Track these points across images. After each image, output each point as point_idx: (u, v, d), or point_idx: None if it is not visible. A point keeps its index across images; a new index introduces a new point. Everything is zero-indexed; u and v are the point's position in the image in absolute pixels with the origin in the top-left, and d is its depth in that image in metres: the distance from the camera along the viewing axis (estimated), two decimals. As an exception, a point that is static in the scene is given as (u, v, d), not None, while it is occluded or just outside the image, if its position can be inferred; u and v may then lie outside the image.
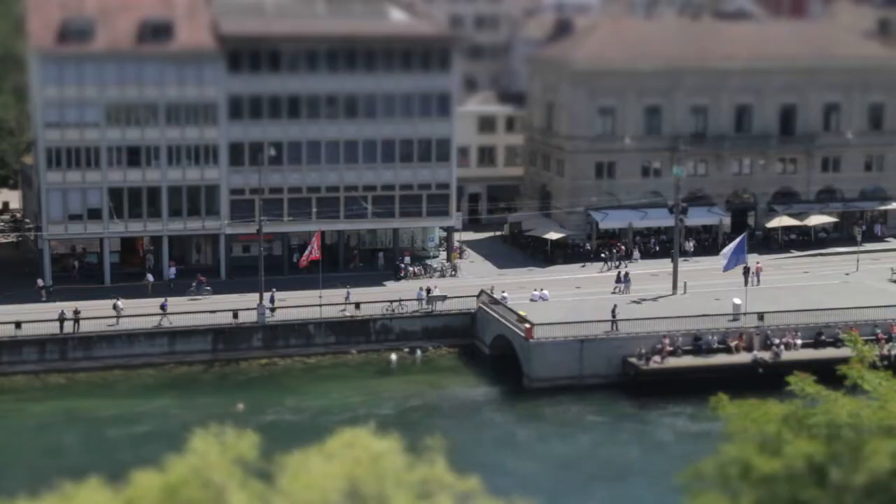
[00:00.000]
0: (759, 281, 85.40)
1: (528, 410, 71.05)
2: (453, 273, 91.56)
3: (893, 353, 73.61)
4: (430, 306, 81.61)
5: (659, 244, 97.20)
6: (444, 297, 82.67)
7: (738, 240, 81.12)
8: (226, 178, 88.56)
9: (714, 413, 34.31)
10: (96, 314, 77.79)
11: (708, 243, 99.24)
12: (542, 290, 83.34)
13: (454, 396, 73.28)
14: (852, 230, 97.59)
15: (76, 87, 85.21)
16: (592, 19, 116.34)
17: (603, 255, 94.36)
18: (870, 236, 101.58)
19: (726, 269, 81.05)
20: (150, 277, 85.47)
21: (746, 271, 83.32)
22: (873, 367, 36.43)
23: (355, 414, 65.74)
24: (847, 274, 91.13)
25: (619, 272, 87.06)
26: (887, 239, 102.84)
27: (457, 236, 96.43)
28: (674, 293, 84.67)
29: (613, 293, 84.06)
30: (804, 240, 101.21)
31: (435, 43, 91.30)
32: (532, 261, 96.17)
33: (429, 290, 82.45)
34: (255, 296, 79.37)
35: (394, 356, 79.25)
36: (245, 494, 26.19)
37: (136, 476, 26.70)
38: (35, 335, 75.81)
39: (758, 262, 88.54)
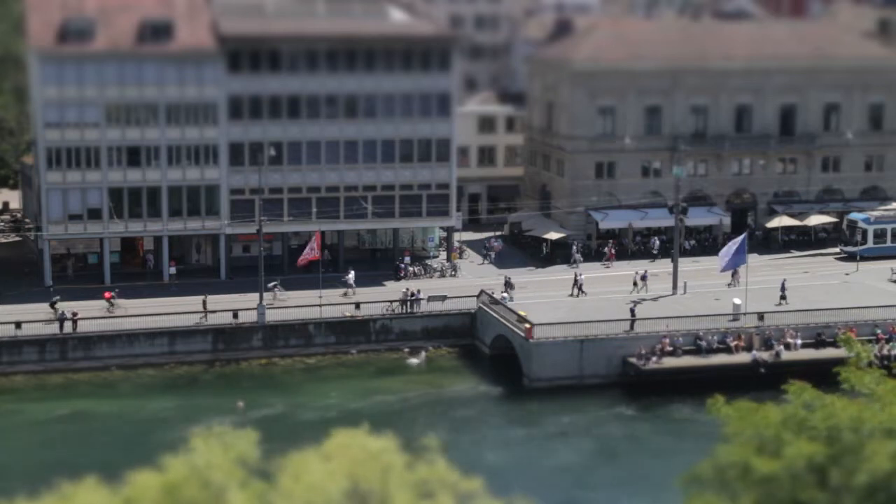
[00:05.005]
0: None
1: (528, 410, 71.05)
2: (453, 273, 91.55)
3: (894, 353, 73.74)
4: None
5: (659, 244, 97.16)
6: (444, 297, 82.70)
7: (738, 240, 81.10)
8: (226, 178, 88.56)
9: (712, 415, 34.32)
10: (96, 314, 77.81)
11: (708, 243, 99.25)
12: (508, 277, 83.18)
13: (454, 396, 73.26)
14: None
15: (76, 87, 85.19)
16: (592, 19, 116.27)
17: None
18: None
19: (724, 269, 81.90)
20: (351, 277, 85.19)
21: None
22: (869, 365, 36.44)
23: (355, 414, 65.69)
24: (847, 274, 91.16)
25: (637, 272, 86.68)
26: None
27: (456, 236, 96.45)
28: (674, 293, 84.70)
29: (632, 293, 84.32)
30: (804, 240, 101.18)
31: (435, 43, 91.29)
32: (532, 261, 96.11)
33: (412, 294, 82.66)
34: (255, 296, 79.36)
35: (416, 359, 79.15)
36: (246, 494, 26.19)
37: (135, 476, 26.69)
38: (35, 335, 75.83)
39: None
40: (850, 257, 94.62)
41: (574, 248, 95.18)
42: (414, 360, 78.92)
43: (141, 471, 27.01)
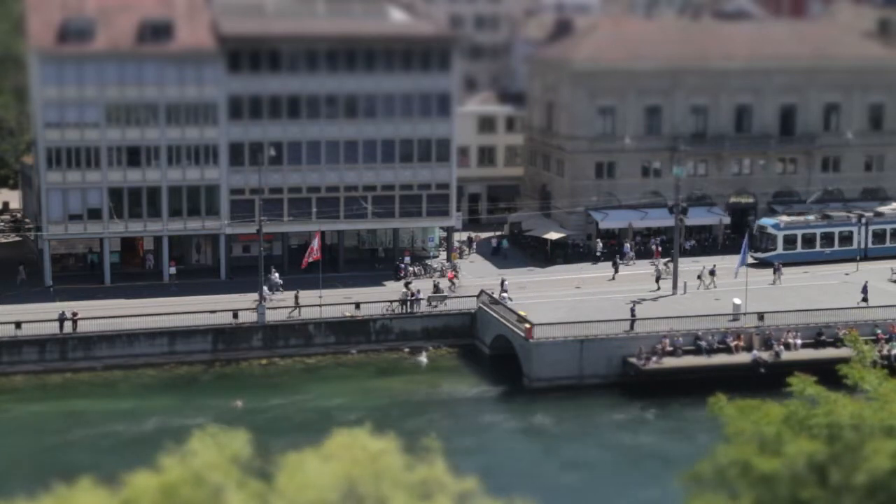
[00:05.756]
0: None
1: (528, 410, 71.00)
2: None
3: (894, 352, 73.74)
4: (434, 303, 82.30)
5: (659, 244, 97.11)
6: (443, 297, 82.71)
7: (743, 244, 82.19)
8: (226, 178, 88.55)
9: (713, 414, 34.31)
10: (96, 314, 77.79)
11: (708, 243, 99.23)
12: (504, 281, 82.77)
13: (454, 396, 73.25)
14: None
15: (76, 87, 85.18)
16: (592, 19, 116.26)
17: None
18: None
19: (738, 270, 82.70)
20: (275, 276, 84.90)
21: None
22: (873, 364, 36.47)
23: (355, 414, 65.66)
24: (847, 274, 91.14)
25: (704, 267, 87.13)
26: None
27: (457, 235, 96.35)
28: (674, 293, 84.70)
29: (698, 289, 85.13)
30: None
31: (435, 43, 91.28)
32: (532, 260, 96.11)
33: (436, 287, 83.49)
34: (255, 296, 79.33)
35: (424, 358, 79.15)
36: (243, 494, 26.17)
37: (133, 477, 26.66)
38: (35, 335, 75.79)
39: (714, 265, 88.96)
40: (762, 263, 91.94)
41: (627, 245, 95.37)
42: (423, 359, 78.99)
43: (139, 472, 26.98)
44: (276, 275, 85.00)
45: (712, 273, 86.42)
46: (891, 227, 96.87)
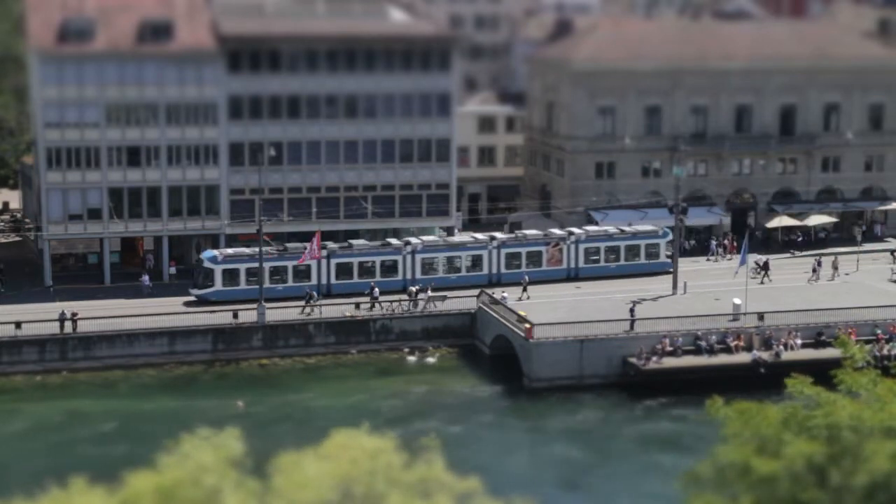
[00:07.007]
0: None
1: (528, 410, 71.01)
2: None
3: (894, 353, 73.69)
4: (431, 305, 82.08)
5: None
6: (443, 297, 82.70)
7: (744, 244, 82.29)
8: (226, 178, 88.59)
9: (711, 416, 34.29)
10: (96, 314, 77.77)
11: (708, 243, 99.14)
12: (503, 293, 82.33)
13: (454, 396, 73.22)
14: (852, 230, 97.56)
15: (76, 87, 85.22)
16: (592, 19, 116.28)
17: None
18: (870, 236, 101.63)
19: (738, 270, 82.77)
20: (145, 280, 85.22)
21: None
22: (865, 366, 36.41)
23: (355, 414, 65.57)
24: (847, 274, 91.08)
25: (816, 259, 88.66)
26: (887, 239, 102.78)
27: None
28: (674, 293, 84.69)
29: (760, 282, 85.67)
30: (804, 240, 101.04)
31: (435, 43, 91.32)
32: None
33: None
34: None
35: (431, 358, 79.14)
36: (241, 494, 26.16)
37: (131, 477, 26.65)
38: (35, 335, 75.77)
39: None
40: (201, 301, 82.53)
41: (714, 241, 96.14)
42: (431, 359, 78.89)
43: (138, 472, 26.98)
44: (146, 278, 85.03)
45: (820, 264, 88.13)
46: (358, 259, 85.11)
